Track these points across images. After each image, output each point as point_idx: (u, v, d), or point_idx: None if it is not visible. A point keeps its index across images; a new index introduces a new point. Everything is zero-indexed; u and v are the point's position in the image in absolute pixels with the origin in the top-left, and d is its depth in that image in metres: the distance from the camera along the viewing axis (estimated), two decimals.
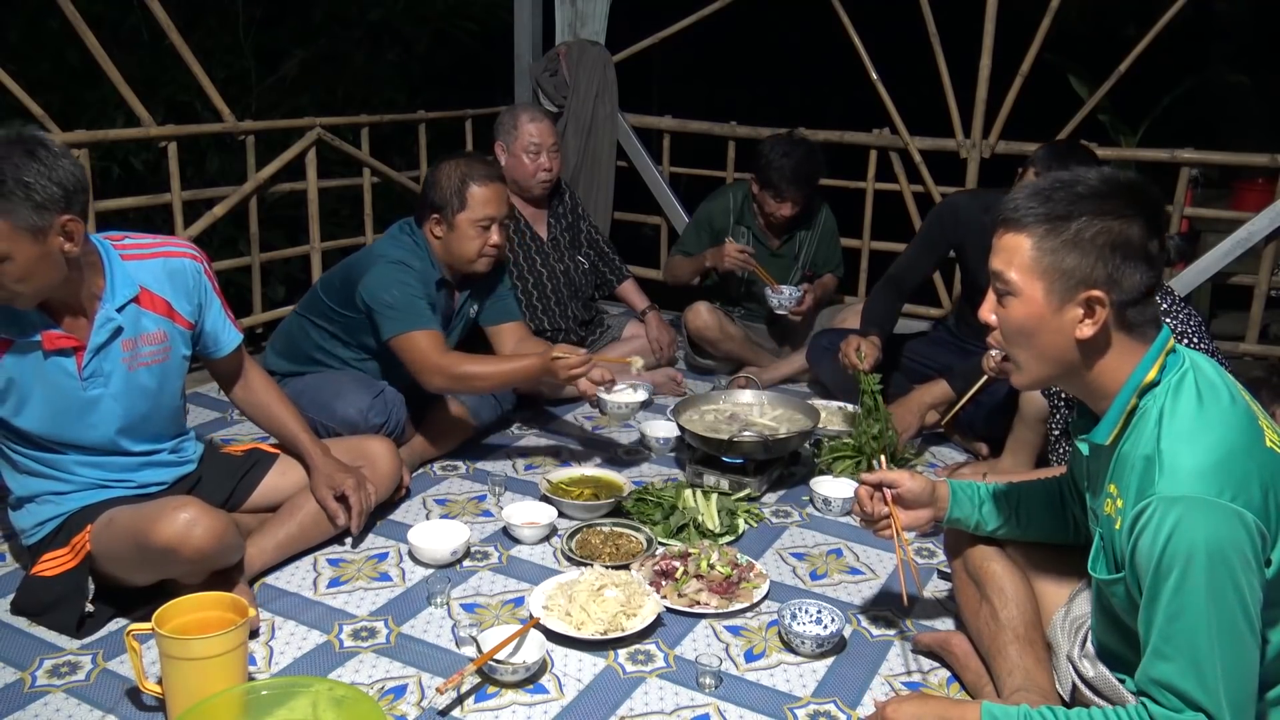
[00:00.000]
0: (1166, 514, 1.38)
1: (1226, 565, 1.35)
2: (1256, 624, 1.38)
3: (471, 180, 2.79)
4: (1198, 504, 1.36)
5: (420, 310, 2.71)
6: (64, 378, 2.04)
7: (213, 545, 1.99)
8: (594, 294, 3.88)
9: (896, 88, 4.27)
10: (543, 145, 3.53)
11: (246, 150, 3.68)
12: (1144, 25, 3.87)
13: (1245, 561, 1.35)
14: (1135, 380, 1.49)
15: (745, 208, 3.81)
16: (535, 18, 4.83)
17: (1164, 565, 1.38)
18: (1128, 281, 1.45)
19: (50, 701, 1.87)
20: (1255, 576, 1.36)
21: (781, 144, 3.61)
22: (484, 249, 2.83)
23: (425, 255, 2.84)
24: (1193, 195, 4.21)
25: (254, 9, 5.65)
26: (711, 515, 2.60)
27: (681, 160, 4.91)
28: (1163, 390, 1.48)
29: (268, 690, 1.65)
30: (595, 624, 2.07)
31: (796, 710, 1.90)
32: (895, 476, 1.92)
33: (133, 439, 2.16)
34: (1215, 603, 1.35)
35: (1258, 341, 3.91)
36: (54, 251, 1.90)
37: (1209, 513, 1.36)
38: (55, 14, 3.31)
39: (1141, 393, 1.49)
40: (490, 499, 2.76)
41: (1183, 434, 1.42)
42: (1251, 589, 1.36)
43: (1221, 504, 1.36)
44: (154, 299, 2.13)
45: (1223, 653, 1.36)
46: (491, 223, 2.81)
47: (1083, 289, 1.46)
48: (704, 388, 3.58)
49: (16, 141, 1.85)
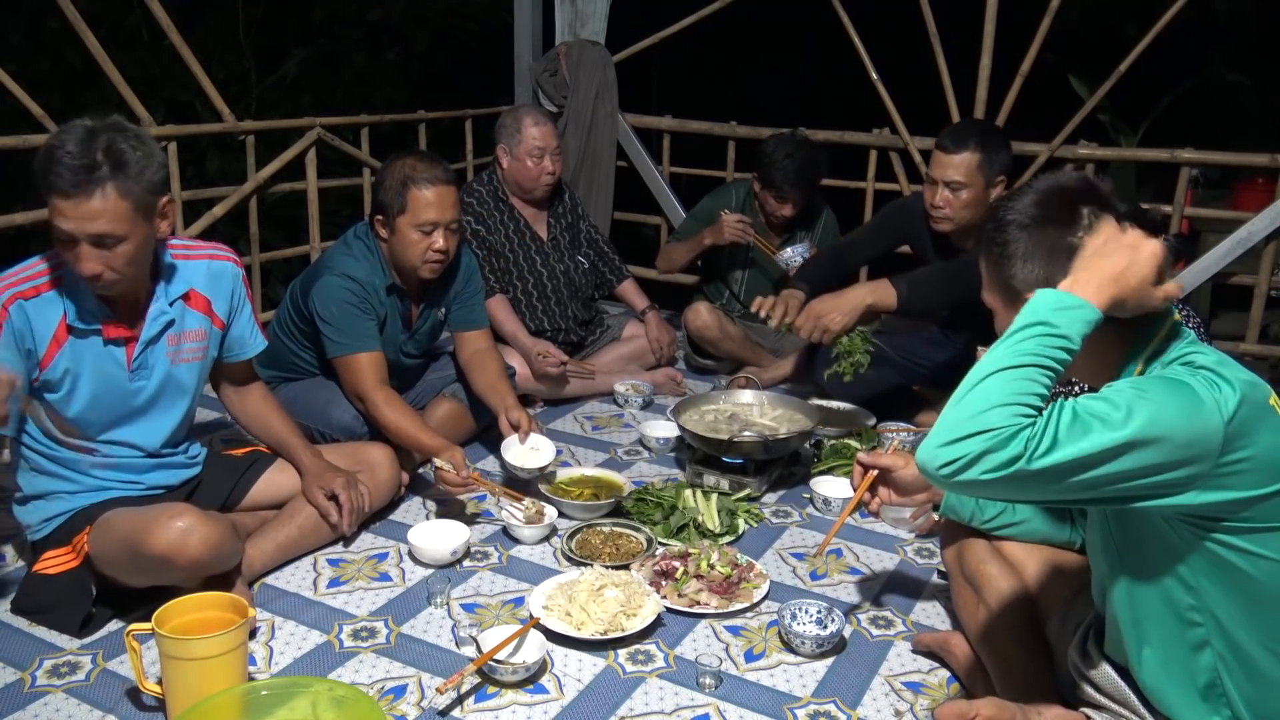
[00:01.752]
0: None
1: (1199, 376, 1.35)
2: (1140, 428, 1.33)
3: (413, 183, 2.64)
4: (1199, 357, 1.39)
5: (360, 330, 2.66)
6: (114, 367, 2.08)
7: (208, 554, 1.99)
8: (594, 294, 3.88)
9: (896, 88, 4.27)
10: (546, 149, 3.52)
11: (246, 150, 3.68)
12: (1144, 25, 3.87)
13: (1207, 404, 1.32)
14: (1135, 352, 1.48)
15: (746, 206, 3.82)
16: (535, 18, 4.83)
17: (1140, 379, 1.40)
18: (1060, 280, 1.45)
19: (50, 701, 1.87)
20: (1214, 419, 1.32)
21: (784, 144, 3.62)
22: (426, 254, 2.69)
23: (376, 260, 2.76)
24: (1193, 195, 4.21)
25: (254, 9, 5.66)
26: (711, 515, 2.60)
27: (681, 160, 4.91)
28: (1171, 355, 1.46)
29: (268, 690, 1.65)
30: (595, 624, 2.07)
31: (796, 710, 1.90)
32: (889, 461, 1.95)
33: (158, 435, 2.20)
34: (1171, 386, 1.34)
35: (1258, 341, 3.91)
36: (154, 234, 1.98)
37: (1208, 369, 1.36)
38: (55, 14, 3.31)
39: (1146, 362, 1.48)
40: (490, 499, 2.76)
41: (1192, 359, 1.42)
42: (1203, 428, 1.32)
43: (1221, 370, 1.36)
44: (198, 298, 2.20)
45: (1106, 419, 1.30)
46: (434, 228, 2.67)
47: (1024, 293, 1.48)
48: (704, 388, 3.58)
49: (119, 126, 1.90)
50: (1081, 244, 1.45)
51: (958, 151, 2.97)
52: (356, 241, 2.80)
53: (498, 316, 3.43)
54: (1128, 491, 1.32)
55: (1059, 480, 1.29)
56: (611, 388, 3.56)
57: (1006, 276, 1.52)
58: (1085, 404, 1.31)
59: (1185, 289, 3.87)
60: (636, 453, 3.15)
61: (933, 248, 3.21)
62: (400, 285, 2.81)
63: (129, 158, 1.87)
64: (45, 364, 2.01)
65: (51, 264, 2.02)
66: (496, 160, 3.59)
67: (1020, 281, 1.50)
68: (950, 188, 2.99)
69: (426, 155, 2.78)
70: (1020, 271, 1.50)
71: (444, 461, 2.51)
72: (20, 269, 2.02)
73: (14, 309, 1.96)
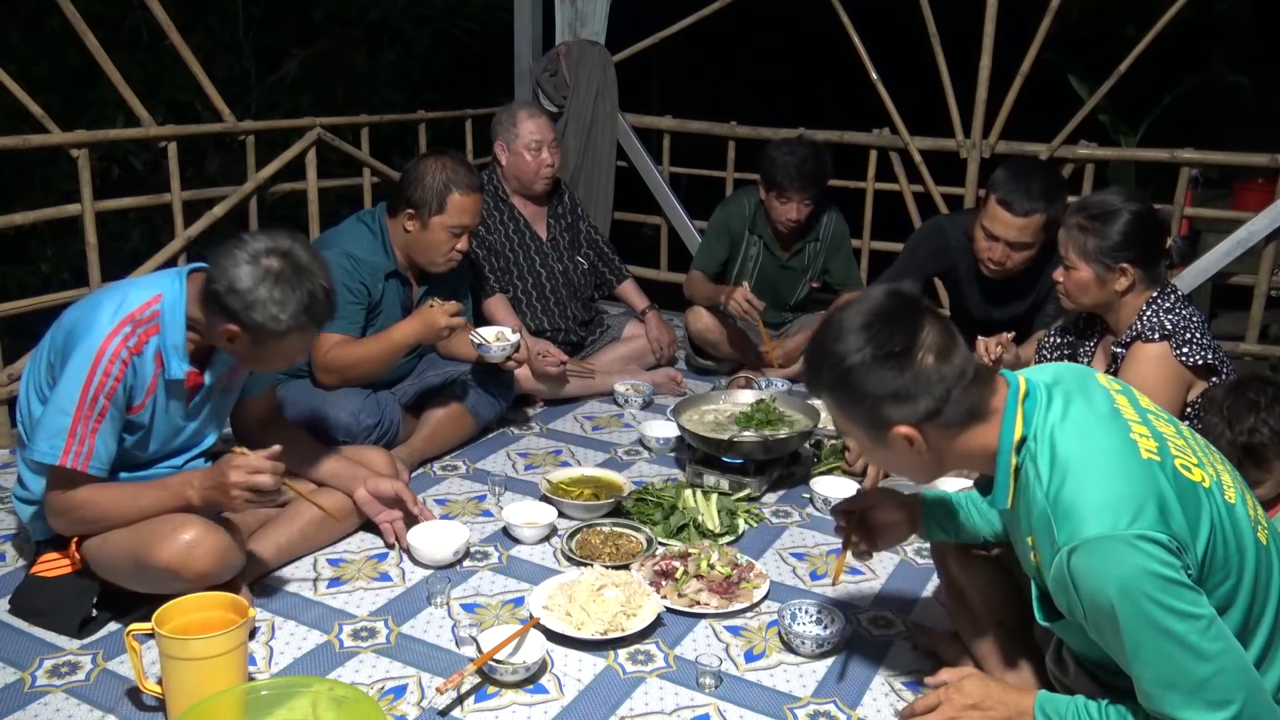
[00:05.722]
0: (1076, 565, 1.38)
1: (1148, 595, 1.34)
2: (1215, 627, 1.36)
3: (455, 187, 2.81)
4: (1099, 545, 1.36)
5: (345, 313, 2.68)
6: (178, 409, 2.11)
7: (214, 566, 1.99)
8: (594, 294, 3.88)
9: (896, 88, 4.27)
10: (544, 141, 3.53)
11: (246, 150, 3.68)
12: (1144, 25, 3.87)
13: (1163, 583, 1.34)
14: (1005, 444, 1.50)
15: (758, 216, 3.76)
16: (535, 18, 4.83)
17: (1097, 612, 1.39)
18: (922, 404, 1.47)
19: (50, 701, 1.87)
20: (1183, 589, 1.35)
21: (786, 144, 3.60)
22: (449, 254, 2.87)
23: (380, 245, 2.86)
24: (1193, 195, 4.21)
25: (254, 9, 5.65)
26: (711, 515, 2.60)
27: (681, 160, 4.91)
28: (1033, 440, 1.48)
29: (268, 690, 1.65)
30: (595, 624, 2.07)
31: (796, 710, 1.90)
32: (866, 503, 1.93)
33: (186, 458, 2.22)
34: (1161, 631, 1.34)
35: (1258, 341, 3.91)
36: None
37: (1113, 550, 1.35)
38: (55, 14, 3.31)
39: (1017, 449, 1.50)
40: (490, 499, 2.76)
41: (1065, 478, 1.42)
42: (1187, 600, 1.34)
43: (1121, 535, 1.35)
44: None
45: (1196, 670, 1.35)
46: (464, 231, 2.86)
47: (888, 429, 1.50)
48: (704, 388, 3.58)
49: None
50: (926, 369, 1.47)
51: (1025, 215, 2.86)
52: (361, 226, 2.89)
53: (498, 316, 3.43)
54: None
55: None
56: (611, 388, 3.56)
57: (866, 419, 1.52)
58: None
59: (1185, 289, 3.87)
60: (636, 453, 3.15)
61: (977, 286, 3.19)
62: (403, 272, 2.90)
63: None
64: (134, 411, 2.03)
65: (147, 310, 2.00)
66: (495, 158, 3.59)
67: (883, 420, 1.50)
68: (1013, 247, 2.92)
69: (461, 159, 2.93)
70: (880, 411, 1.49)
71: (438, 314, 2.70)
72: (133, 312, 1.99)
73: (130, 366, 1.97)
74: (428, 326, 2.74)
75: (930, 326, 1.48)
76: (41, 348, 2.09)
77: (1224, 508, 1.45)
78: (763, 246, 3.77)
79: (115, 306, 1.99)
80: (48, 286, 4.28)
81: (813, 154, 3.57)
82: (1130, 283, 2.39)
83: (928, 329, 1.48)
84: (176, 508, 2.02)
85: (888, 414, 1.49)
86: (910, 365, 1.46)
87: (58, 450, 1.91)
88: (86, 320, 1.98)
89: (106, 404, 1.94)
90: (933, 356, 1.47)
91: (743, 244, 3.78)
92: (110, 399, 1.94)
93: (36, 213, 3.20)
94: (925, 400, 1.47)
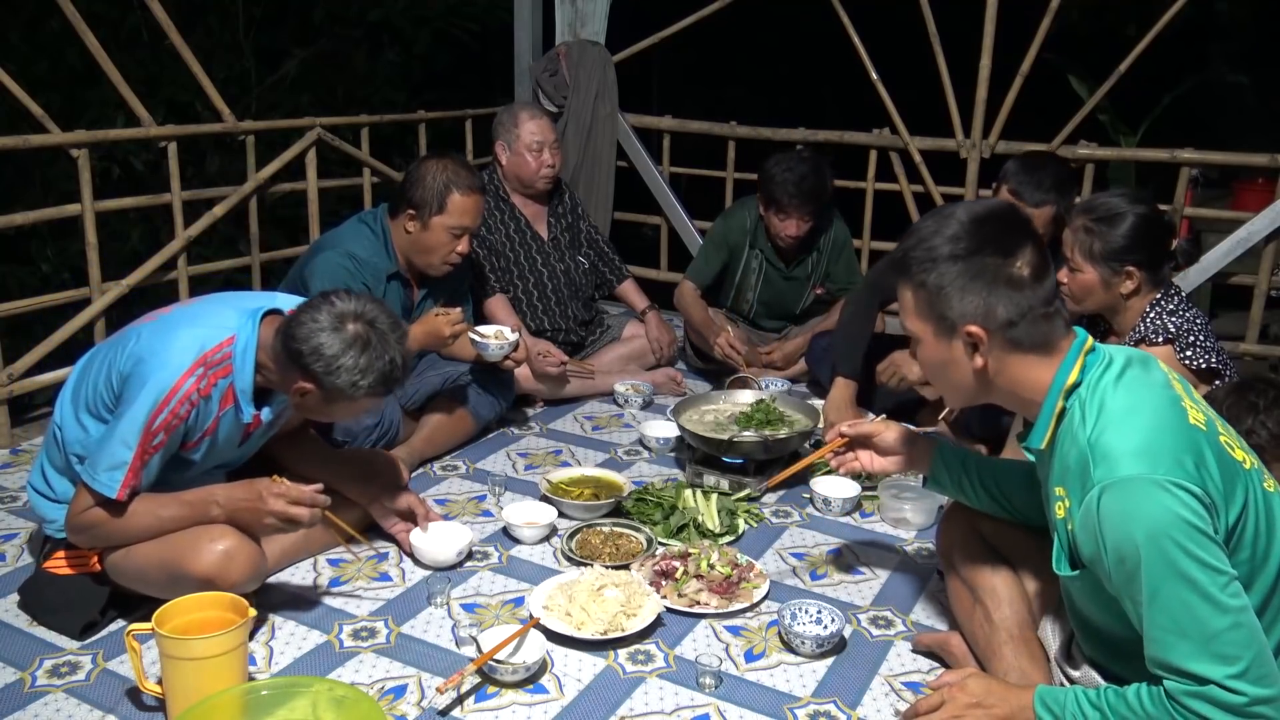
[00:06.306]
0: (1105, 505, 1.41)
1: (1174, 540, 1.36)
2: (1234, 585, 1.38)
3: (455, 188, 2.82)
4: (1134, 484, 1.39)
5: None
6: (231, 442, 2.11)
7: (250, 576, 2.00)
8: (594, 294, 3.88)
9: (896, 88, 4.27)
10: (545, 141, 3.53)
11: (246, 150, 3.68)
12: (1144, 25, 3.87)
13: (1191, 531, 1.36)
14: (1058, 385, 1.55)
15: (759, 229, 3.71)
16: (535, 18, 4.83)
17: (1121, 554, 1.41)
18: (1001, 310, 1.53)
19: (50, 701, 1.87)
20: (1209, 542, 1.37)
21: (785, 159, 3.53)
22: (449, 255, 2.88)
23: (381, 246, 2.87)
24: (1193, 195, 4.20)
25: (254, 9, 5.65)
26: (711, 515, 2.60)
27: (681, 160, 4.90)
28: (1086, 388, 1.53)
29: (268, 690, 1.65)
30: (595, 624, 2.07)
31: (796, 710, 1.90)
32: (870, 429, 2.01)
33: (225, 470, 2.23)
34: (1182, 577, 1.36)
35: (1258, 341, 3.91)
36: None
37: (1146, 491, 1.38)
38: (55, 14, 3.31)
39: (1066, 394, 1.54)
40: (490, 499, 2.76)
41: (1109, 424, 1.46)
42: (1211, 553, 1.37)
43: (1157, 479, 1.38)
44: None
45: (1210, 621, 1.36)
46: (464, 232, 2.86)
47: (961, 325, 1.55)
48: (704, 388, 3.58)
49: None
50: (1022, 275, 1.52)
51: (1036, 206, 2.83)
52: (362, 226, 2.90)
53: (498, 316, 3.43)
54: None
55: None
56: (611, 388, 3.56)
57: (941, 310, 1.56)
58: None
59: (1186, 289, 3.87)
60: (636, 453, 3.15)
61: None
62: (404, 274, 2.91)
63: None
64: (188, 449, 2.03)
65: (219, 352, 1.99)
66: (495, 158, 3.59)
67: (958, 314, 1.55)
68: None
69: (462, 161, 2.94)
70: (958, 304, 1.55)
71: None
72: (207, 353, 1.97)
73: (195, 408, 1.96)
74: (432, 336, 2.75)
75: (1033, 247, 1.55)
76: (96, 360, 2.05)
77: (1261, 492, 1.48)
78: (764, 260, 3.75)
79: (191, 343, 1.96)
80: (48, 286, 4.29)
81: (812, 170, 3.47)
82: (1135, 285, 2.40)
83: (1031, 247, 1.55)
84: (198, 523, 2.01)
85: (968, 308, 1.54)
86: (1006, 270, 1.52)
87: (116, 483, 1.90)
88: (161, 352, 1.95)
89: (165, 439, 1.94)
90: (1029, 270, 1.53)
91: (743, 257, 3.75)
92: (169, 434, 1.94)
93: (36, 213, 3.20)
94: (1007, 308, 1.53)
